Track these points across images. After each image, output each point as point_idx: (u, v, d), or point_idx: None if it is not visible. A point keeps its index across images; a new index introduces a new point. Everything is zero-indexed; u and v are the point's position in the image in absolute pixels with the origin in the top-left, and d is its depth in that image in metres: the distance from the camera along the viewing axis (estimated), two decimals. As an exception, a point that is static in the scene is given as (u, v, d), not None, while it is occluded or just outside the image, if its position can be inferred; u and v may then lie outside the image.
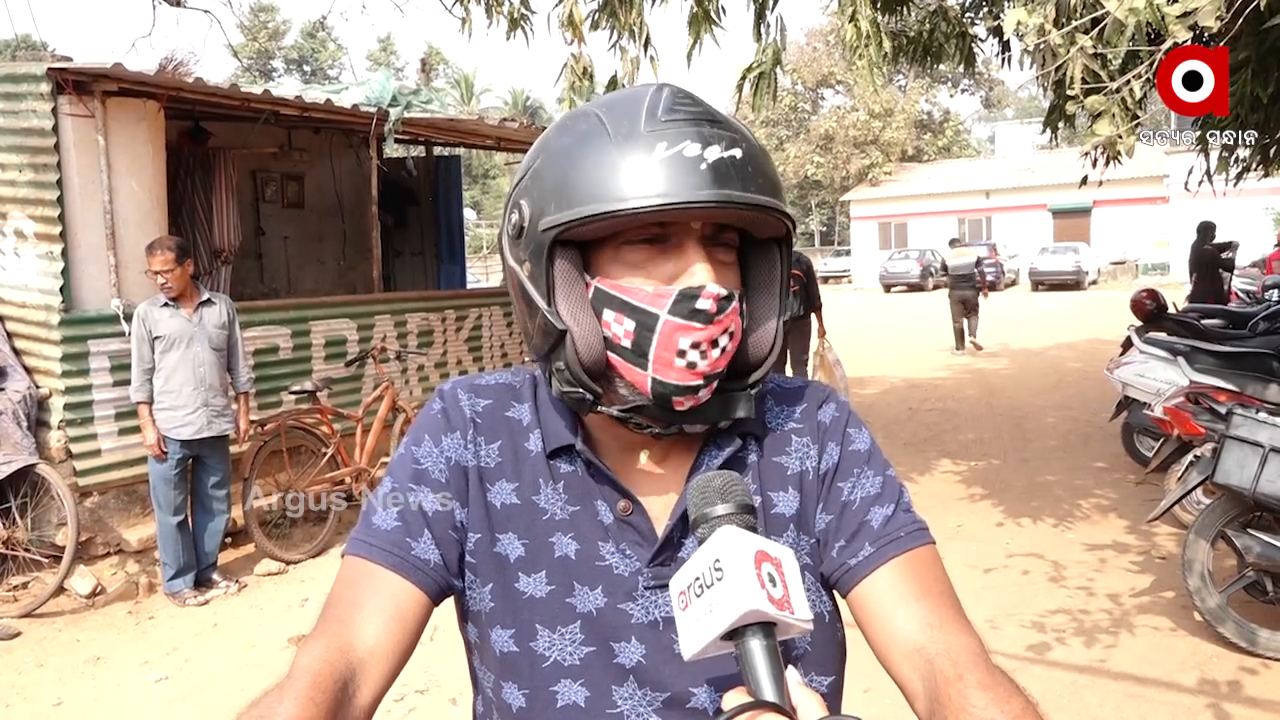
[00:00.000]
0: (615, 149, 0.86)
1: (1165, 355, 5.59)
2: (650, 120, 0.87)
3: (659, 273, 0.89)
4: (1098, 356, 10.79)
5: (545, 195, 0.89)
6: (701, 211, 0.86)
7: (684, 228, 0.89)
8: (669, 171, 0.84)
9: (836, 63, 39.85)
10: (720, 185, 0.85)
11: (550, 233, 0.88)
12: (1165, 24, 2.89)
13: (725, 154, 0.86)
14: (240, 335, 5.20)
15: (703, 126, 0.87)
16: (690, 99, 0.90)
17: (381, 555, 0.93)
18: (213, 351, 4.96)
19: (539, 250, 0.89)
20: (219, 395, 5.02)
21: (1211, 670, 3.75)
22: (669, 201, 0.84)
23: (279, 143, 8.45)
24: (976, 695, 0.79)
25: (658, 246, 0.89)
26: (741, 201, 0.86)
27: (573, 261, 0.90)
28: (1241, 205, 19.53)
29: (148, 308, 4.89)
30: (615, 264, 0.90)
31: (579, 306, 0.90)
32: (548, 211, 0.88)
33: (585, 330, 0.90)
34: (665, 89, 0.91)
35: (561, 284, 0.90)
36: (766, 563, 0.74)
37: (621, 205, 0.84)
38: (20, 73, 5.23)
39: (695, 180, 0.84)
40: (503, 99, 50.35)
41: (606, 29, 4.71)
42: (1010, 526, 5.70)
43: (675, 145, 0.85)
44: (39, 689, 4.07)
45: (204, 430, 4.94)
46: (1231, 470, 3.72)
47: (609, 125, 0.88)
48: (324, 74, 49.00)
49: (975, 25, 6.77)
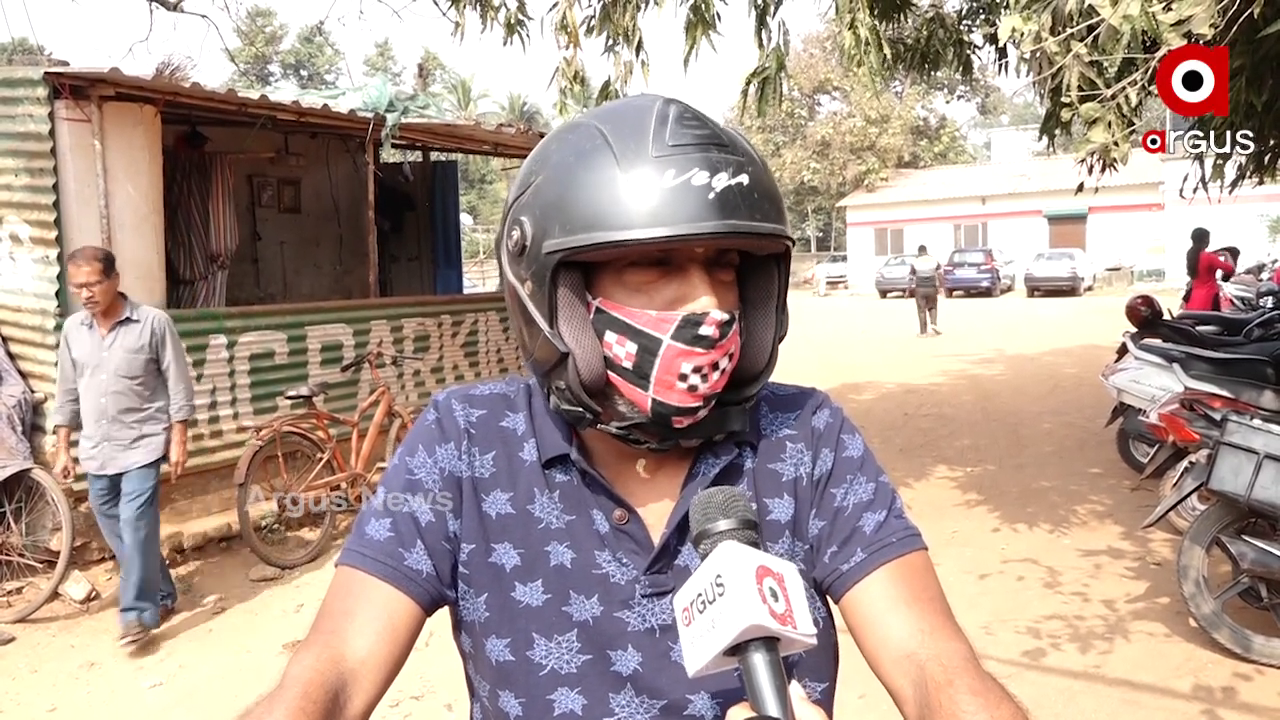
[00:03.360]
0: (621, 172, 0.85)
1: (1160, 362, 5.59)
2: (658, 143, 0.86)
3: (662, 296, 0.89)
4: (1093, 362, 10.80)
5: (548, 215, 0.88)
6: (708, 240, 0.86)
7: (688, 252, 0.89)
8: (677, 201, 0.84)
9: (833, 69, 39.98)
10: (727, 215, 0.85)
11: (554, 256, 0.87)
12: (1160, 31, 2.91)
13: (733, 181, 0.86)
14: (178, 356, 4.55)
15: (710, 152, 0.86)
16: (697, 119, 0.89)
17: (374, 565, 0.93)
18: (122, 379, 4.39)
19: (542, 271, 0.89)
20: (126, 428, 4.42)
21: (1206, 676, 3.76)
22: (676, 233, 0.84)
23: (276, 148, 8.44)
24: (967, 701, 0.80)
25: (661, 269, 0.89)
26: (748, 231, 0.86)
27: (575, 283, 0.90)
28: (1237, 212, 19.58)
29: (72, 323, 4.50)
30: (618, 286, 0.90)
31: (581, 328, 0.90)
32: (551, 233, 0.88)
33: (587, 352, 0.90)
34: (671, 106, 0.90)
35: (564, 306, 0.90)
36: (769, 578, 0.75)
37: (628, 235, 0.84)
38: (17, 77, 5.23)
39: (703, 210, 0.84)
40: (500, 104, 50.41)
41: (601, 34, 4.72)
42: (1005, 532, 5.70)
43: (683, 173, 0.85)
44: (33, 695, 4.06)
45: (107, 467, 4.43)
46: (1226, 477, 3.73)
47: (614, 145, 0.87)
48: (321, 79, 49.00)
49: (972, 32, 6.80)
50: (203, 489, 5.90)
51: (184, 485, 5.80)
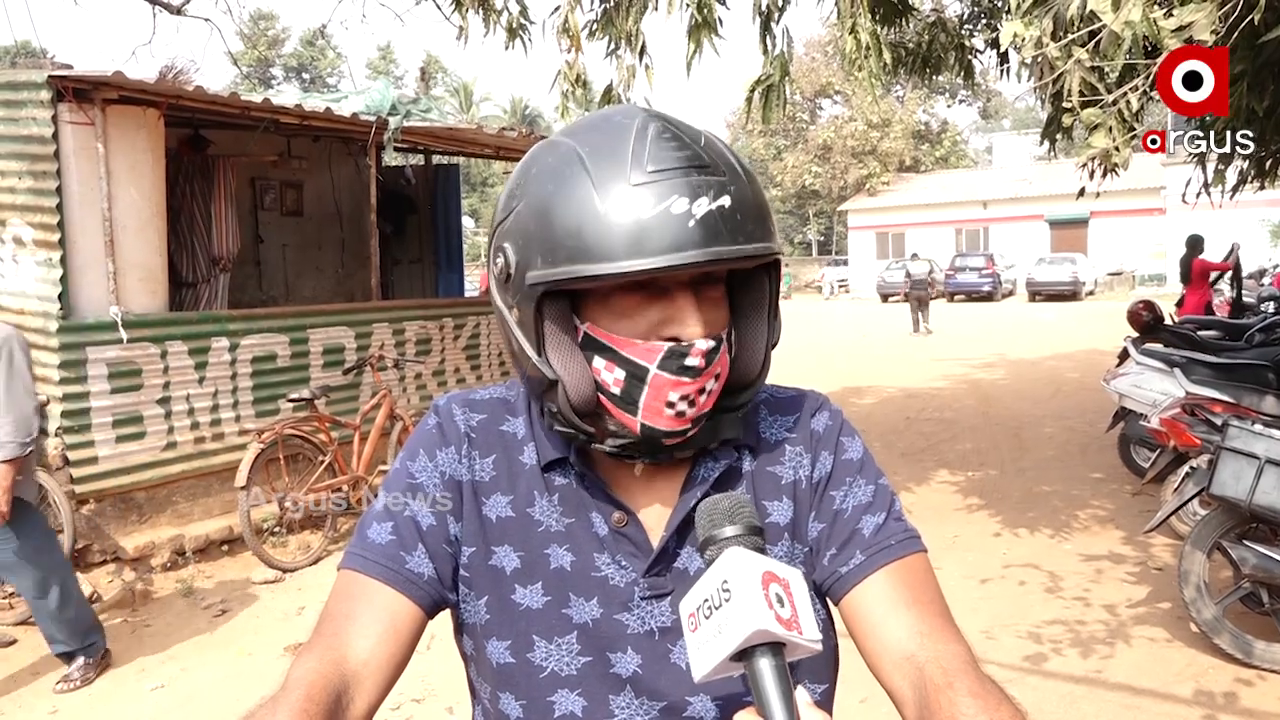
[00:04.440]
0: (599, 201, 0.84)
1: (1162, 366, 5.59)
2: (636, 168, 0.85)
3: (647, 320, 0.89)
4: (1095, 367, 10.80)
5: (530, 245, 0.88)
6: (691, 269, 0.85)
7: (673, 276, 0.88)
8: (657, 230, 0.83)
9: (835, 73, 39.95)
10: (709, 242, 0.84)
11: (539, 288, 0.87)
12: (1161, 37, 2.91)
13: (713, 205, 0.84)
14: (10, 380, 3.79)
15: (690, 176, 0.85)
16: (675, 137, 0.87)
17: (375, 569, 0.94)
18: None
19: (527, 301, 0.89)
20: None
21: (1207, 681, 3.75)
22: (657, 265, 0.83)
23: (278, 151, 8.45)
24: (966, 703, 0.80)
25: (646, 293, 0.89)
26: (731, 256, 0.85)
27: (562, 310, 0.90)
28: (1238, 217, 19.57)
29: None
30: (605, 311, 0.90)
31: (569, 355, 0.91)
32: (533, 264, 0.88)
33: (576, 378, 0.91)
34: (650, 125, 0.88)
35: (551, 334, 0.90)
36: (774, 583, 0.75)
37: (609, 268, 0.83)
38: (20, 80, 5.25)
39: (684, 238, 0.83)
40: (501, 107, 50.49)
41: (603, 38, 4.73)
42: (1007, 537, 5.69)
43: (663, 201, 0.83)
44: (35, 697, 4.06)
45: None
46: (1227, 482, 3.72)
47: (592, 172, 0.86)
48: (323, 82, 49.02)
49: (974, 37, 6.81)
50: (204, 491, 5.91)
51: (186, 488, 5.82)
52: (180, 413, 5.73)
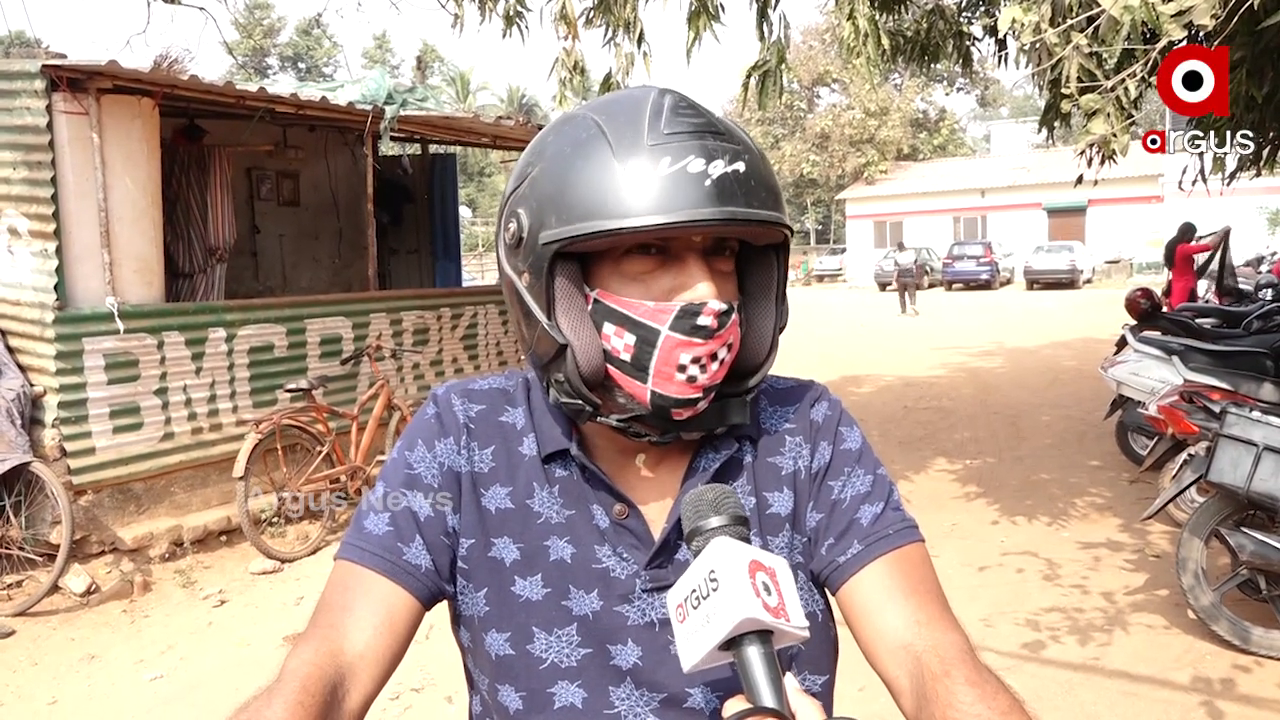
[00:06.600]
0: (617, 161, 0.85)
1: (1159, 354, 5.59)
2: (653, 132, 0.86)
3: (659, 285, 0.89)
4: (1092, 355, 10.81)
5: (544, 206, 0.88)
6: (705, 228, 0.86)
7: (686, 241, 0.88)
8: (673, 188, 0.84)
9: (832, 61, 39.87)
10: (724, 202, 0.84)
11: (551, 246, 0.87)
12: (1160, 22, 2.90)
13: (729, 168, 0.85)
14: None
15: (706, 140, 0.86)
16: (692, 107, 0.89)
17: (373, 560, 0.93)
18: None
19: (539, 263, 0.88)
20: None
21: (1205, 668, 3.76)
22: (673, 220, 0.83)
23: (274, 140, 8.42)
24: (963, 691, 0.80)
25: (659, 258, 0.89)
26: (745, 218, 0.85)
27: (573, 274, 0.90)
28: (1236, 204, 19.56)
29: None
30: (615, 276, 0.90)
31: (579, 320, 0.90)
32: (547, 224, 0.87)
33: (585, 344, 0.90)
34: (667, 95, 0.90)
35: (562, 298, 0.89)
36: (761, 572, 0.75)
37: (625, 223, 0.84)
38: (14, 69, 5.21)
39: (699, 197, 0.84)
40: (499, 96, 50.30)
41: (601, 25, 4.70)
42: (1005, 525, 5.70)
43: (679, 160, 0.84)
44: (34, 688, 4.07)
45: None
46: (1225, 469, 3.73)
47: (609, 134, 0.87)
48: (319, 71, 48.92)
49: (972, 24, 6.78)
50: (202, 482, 5.91)
51: (183, 479, 5.82)
52: (178, 403, 5.73)
